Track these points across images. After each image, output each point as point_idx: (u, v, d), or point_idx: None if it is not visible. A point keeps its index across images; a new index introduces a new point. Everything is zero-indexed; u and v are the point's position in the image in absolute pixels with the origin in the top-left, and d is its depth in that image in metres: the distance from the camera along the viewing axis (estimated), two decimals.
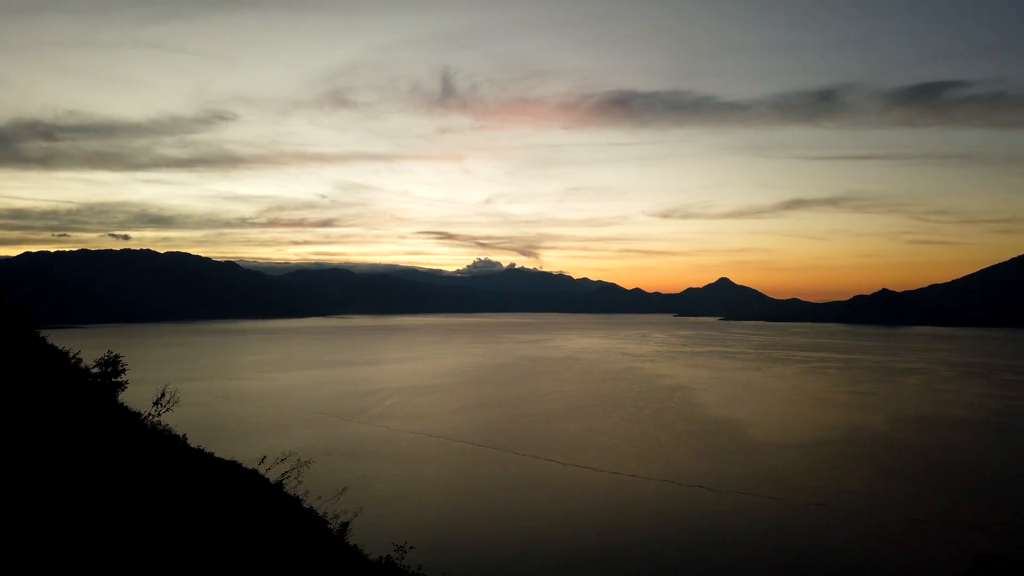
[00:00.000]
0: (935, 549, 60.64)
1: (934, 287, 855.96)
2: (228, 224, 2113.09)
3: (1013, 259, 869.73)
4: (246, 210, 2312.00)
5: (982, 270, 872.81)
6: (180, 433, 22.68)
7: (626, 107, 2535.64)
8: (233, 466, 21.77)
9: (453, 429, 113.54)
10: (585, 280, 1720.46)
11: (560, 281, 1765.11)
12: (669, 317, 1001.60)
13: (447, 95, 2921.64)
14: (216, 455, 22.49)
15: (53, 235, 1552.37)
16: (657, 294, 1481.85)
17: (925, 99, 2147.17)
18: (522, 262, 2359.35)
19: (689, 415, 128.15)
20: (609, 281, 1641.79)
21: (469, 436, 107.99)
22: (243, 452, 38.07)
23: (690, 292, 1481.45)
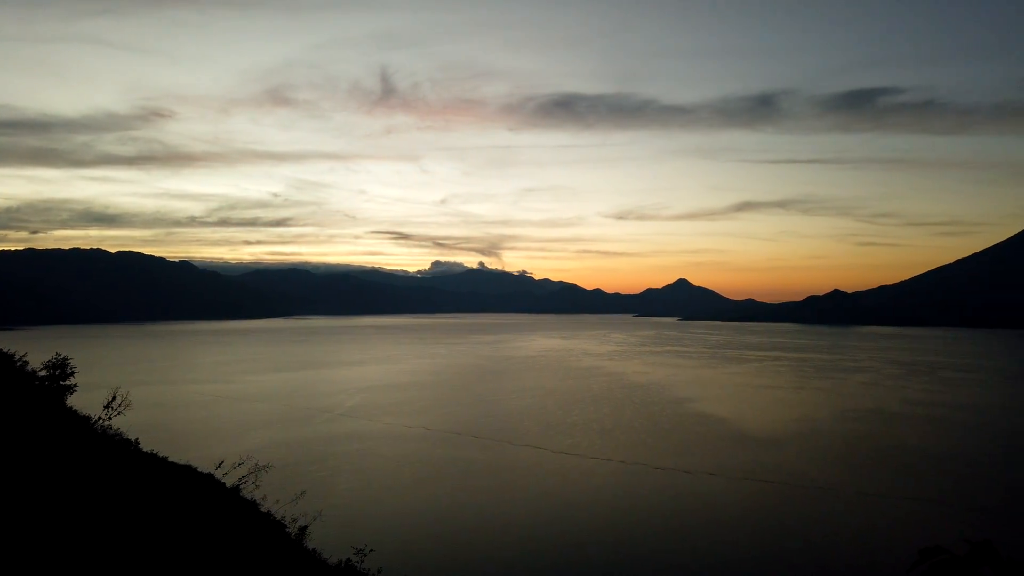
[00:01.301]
0: (878, 526, 62.53)
1: (883, 288, 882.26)
2: (177, 223, 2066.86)
3: (958, 261, 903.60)
4: (195, 209, 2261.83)
5: (929, 271, 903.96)
6: (132, 437, 22.14)
7: (569, 109, 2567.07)
8: (188, 470, 21.34)
9: (416, 429, 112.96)
10: (547, 281, 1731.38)
11: (522, 282, 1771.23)
12: (629, 317, 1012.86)
13: (388, 94, 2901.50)
14: (170, 459, 22.01)
15: None
16: (617, 295, 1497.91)
17: (859, 105, 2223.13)
18: (483, 262, 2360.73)
19: (645, 409, 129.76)
20: (570, 282, 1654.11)
21: (432, 436, 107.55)
22: (199, 456, 37.29)
23: (649, 293, 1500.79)
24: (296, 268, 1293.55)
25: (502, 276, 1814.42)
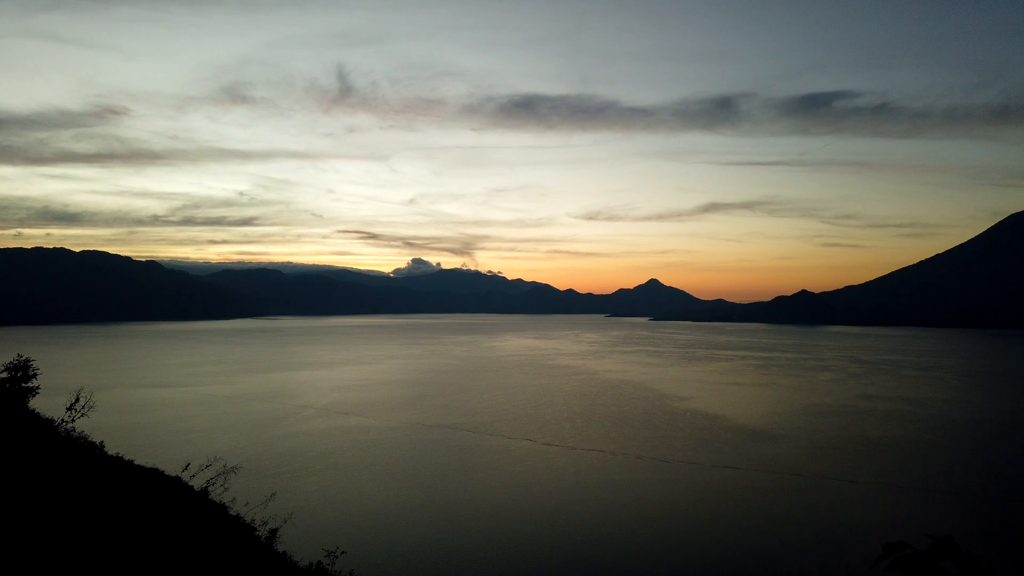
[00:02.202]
0: (838, 509, 63.89)
1: (849, 288, 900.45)
2: (140, 222, 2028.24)
3: (920, 262, 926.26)
4: (158, 207, 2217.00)
5: (893, 272, 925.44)
6: (98, 440, 21.72)
7: (531, 110, 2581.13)
8: (154, 473, 21.00)
9: (388, 430, 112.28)
10: (519, 281, 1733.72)
11: (495, 282, 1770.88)
12: (601, 318, 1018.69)
13: (346, 93, 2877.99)
14: (136, 463, 21.64)
15: None
16: (590, 295, 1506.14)
17: (816, 109, 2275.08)
18: (456, 262, 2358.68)
19: (616, 406, 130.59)
20: (543, 282, 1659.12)
21: (404, 436, 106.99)
22: (167, 459, 36.71)
23: (621, 293, 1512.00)
24: (266, 268, 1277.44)
25: (475, 276, 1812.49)
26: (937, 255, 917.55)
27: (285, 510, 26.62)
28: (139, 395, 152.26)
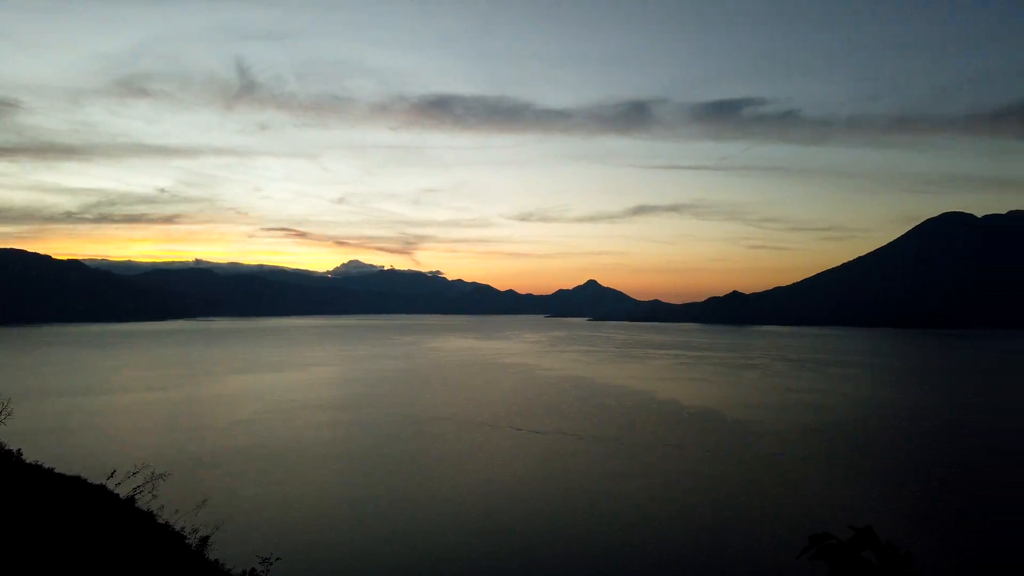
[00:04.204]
0: (758, 479, 66.43)
1: (777, 289, 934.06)
2: (51, 219, 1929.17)
3: (844, 264, 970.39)
4: (70, 204, 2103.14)
5: (817, 274, 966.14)
6: (14, 448, 20.69)
7: (447, 110, 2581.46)
8: (77, 481, 20.14)
9: (327, 431, 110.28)
10: (460, 282, 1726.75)
11: (436, 283, 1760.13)
12: (541, 318, 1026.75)
13: (250, 89, 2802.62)
14: (57, 471, 20.71)
15: None
16: (530, 295, 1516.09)
17: (726, 114, 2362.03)
18: (394, 262, 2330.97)
19: (546, 395, 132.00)
20: (483, 282, 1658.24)
21: (341, 438, 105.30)
22: (91, 467, 35.21)
23: (561, 294, 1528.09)
24: (196, 268, 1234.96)
25: (416, 277, 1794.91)
26: (859, 258, 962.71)
27: (218, 517, 25.89)
28: (64, 401, 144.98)
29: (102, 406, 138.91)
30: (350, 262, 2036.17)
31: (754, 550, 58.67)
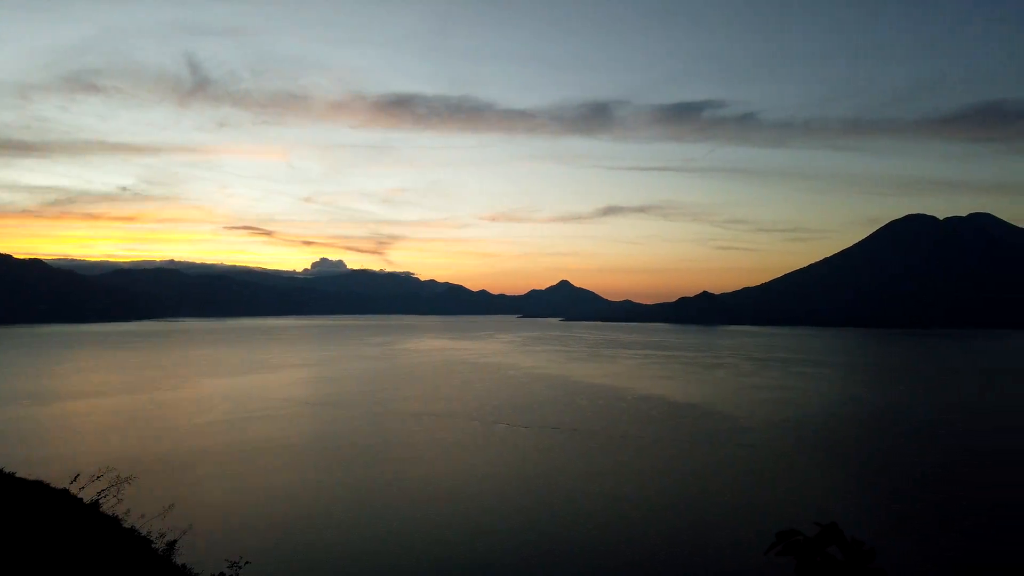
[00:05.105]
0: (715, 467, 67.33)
1: (746, 290, 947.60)
2: (6, 216, 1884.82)
3: (810, 265, 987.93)
4: (26, 201, 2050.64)
5: (785, 274, 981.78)
6: None
7: (408, 109, 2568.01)
8: (38, 486, 19.62)
9: (297, 434, 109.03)
10: (432, 282, 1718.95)
11: (408, 283, 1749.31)
12: (513, 318, 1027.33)
13: (203, 85, 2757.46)
14: (17, 475, 20.16)
15: None
16: (503, 296, 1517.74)
17: (687, 117, 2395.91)
18: (365, 262, 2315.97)
19: (520, 394, 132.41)
20: (456, 282, 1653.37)
21: (311, 439, 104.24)
22: (54, 471, 34.38)
23: (533, 294, 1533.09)
24: (163, 267, 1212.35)
25: (388, 277, 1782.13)
26: (826, 258, 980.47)
27: (185, 521, 25.43)
28: (27, 406, 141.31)
29: (67, 410, 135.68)
30: (321, 261, 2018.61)
31: (724, 547, 59.38)
